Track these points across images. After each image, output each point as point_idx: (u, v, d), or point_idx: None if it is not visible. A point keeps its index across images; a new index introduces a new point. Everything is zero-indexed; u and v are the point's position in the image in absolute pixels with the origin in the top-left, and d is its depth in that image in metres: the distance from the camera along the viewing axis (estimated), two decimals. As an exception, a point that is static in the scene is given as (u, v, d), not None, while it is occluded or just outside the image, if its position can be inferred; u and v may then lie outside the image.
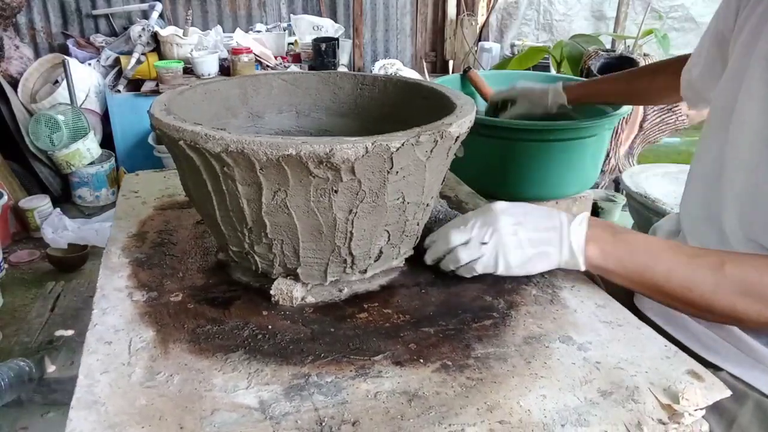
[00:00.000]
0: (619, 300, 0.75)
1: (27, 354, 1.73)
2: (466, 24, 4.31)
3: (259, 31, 3.65)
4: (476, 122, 0.73)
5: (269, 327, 0.67)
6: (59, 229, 2.51)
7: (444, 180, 0.76)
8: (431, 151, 0.65)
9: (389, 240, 0.71)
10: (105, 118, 3.20)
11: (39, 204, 2.61)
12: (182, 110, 0.70)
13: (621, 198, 2.64)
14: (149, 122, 0.69)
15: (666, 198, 1.90)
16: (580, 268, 0.72)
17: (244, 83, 0.89)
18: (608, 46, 2.82)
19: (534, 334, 0.67)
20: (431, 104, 0.81)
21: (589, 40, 2.52)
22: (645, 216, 1.93)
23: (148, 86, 3.07)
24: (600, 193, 2.69)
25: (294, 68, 3.36)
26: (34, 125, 2.77)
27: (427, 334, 0.67)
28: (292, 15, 3.85)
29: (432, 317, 0.70)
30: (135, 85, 3.14)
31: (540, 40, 3.99)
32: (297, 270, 0.71)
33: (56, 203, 2.74)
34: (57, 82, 3.09)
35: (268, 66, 3.27)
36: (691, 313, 0.72)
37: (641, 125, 2.43)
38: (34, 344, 1.82)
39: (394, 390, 0.58)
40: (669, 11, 3.44)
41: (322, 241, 0.67)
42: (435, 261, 0.77)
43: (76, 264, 2.37)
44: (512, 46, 3.94)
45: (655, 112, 2.42)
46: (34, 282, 2.28)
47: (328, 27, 3.67)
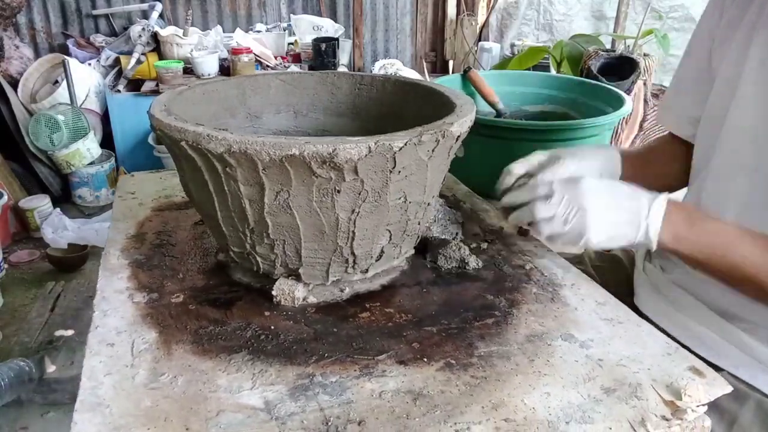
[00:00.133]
0: (619, 299, 0.76)
1: (27, 354, 1.73)
2: (466, 24, 4.31)
3: (259, 31, 3.65)
4: (476, 122, 0.73)
5: (272, 327, 0.67)
6: (59, 229, 2.51)
7: (444, 179, 0.76)
8: (433, 151, 0.65)
9: (391, 239, 0.71)
10: (105, 118, 3.20)
11: (39, 204, 2.60)
12: (181, 111, 0.70)
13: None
14: (149, 122, 0.68)
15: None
16: (652, 248, 0.72)
17: (243, 83, 0.89)
18: (608, 46, 2.82)
19: (536, 332, 0.67)
20: (430, 104, 0.81)
21: (589, 40, 2.52)
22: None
23: (148, 86, 3.07)
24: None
25: (294, 68, 3.36)
26: (34, 125, 2.77)
27: (430, 333, 0.67)
28: (292, 15, 3.85)
29: (434, 316, 0.70)
30: (135, 85, 3.13)
31: (540, 40, 3.99)
32: (299, 270, 0.71)
33: (56, 203, 2.74)
34: (57, 82, 3.09)
35: (268, 66, 3.27)
36: (761, 301, 0.72)
37: (641, 125, 2.43)
38: (34, 344, 1.82)
39: (399, 389, 0.58)
40: (669, 11, 3.43)
41: (324, 241, 0.67)
42: (522, 230, 0.81)
43: (76, 264, 2.37)
44: (512, 46, 3.93)
45: (655, 112, 2.42)
46: (34, 282, 2.28)
47: (328, 27, 3.67)
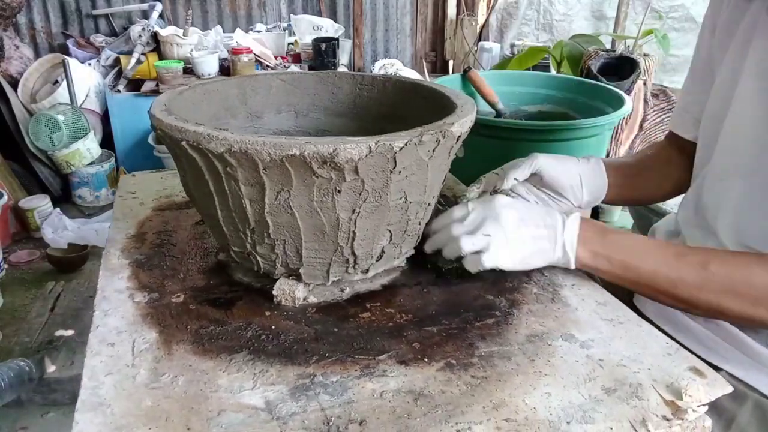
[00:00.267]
0: (619, 299, 0.76)
1: (27, 354, 1.73)
2: (466, 24, 4.31)
3: (259, 31, 3.65)
4: (476, 122, 0.73)
5: (272, 327, 0.67)
6: (59, 229, 2.51)
7: (444, 179, 0.76)
8: (433, 151, 0.65)
9: (391, 239, 0.71)
10: (105, 118, 3.20)
11: (39, 204, 2.60)
12: (182, 111, 0.70)
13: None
14: (149, 122, 0.68)
15: (666, 198, 1.90)
16: (571, 267, 0.74)
17: (243, 83, 0.89)
18: (608, 46, 2.82)
19: (536, 332, 0.67)
20: (430, 104, 0.81)
21: (589, 40, 2.52)
22: (645, 216, 1.94)
23: (148, 86, 3.07)
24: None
25: (294, 68, 3.36)
26: (34, 125, 2.77)
27: (431, 333, 0.67)
28: (292, 15, 3.85)
29: (434, 316, 0.70)
30: (135, 85, 3.14)
31: (540, 40, 3.99)
32: (299, 270, 0.71)
33: (56, 203, 2.74)
34: (57, 82, 3.09)
35: (268, 66, 3.27)
36: (677, 308, 0.75)
37: (641, 125, 2.43)
38: (34, 344, 1.82)
39: (400, 389, 0.58)
40: (669, 11, 3.43)
41: (325, 241, 0.67)
42: (434, 249, 0.77)
43: (76, 264, 2.37)
44: (512, 46, 3.93)
45: (655, 112, 2.42)
46: (34, 282, 2.28)
47: (328, 27, 3.67)
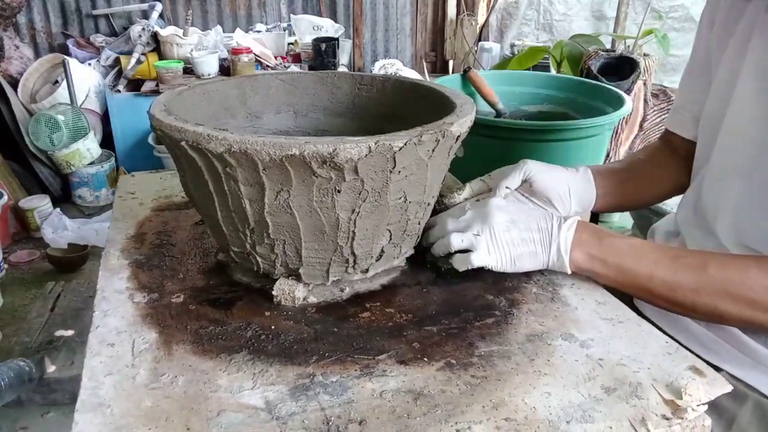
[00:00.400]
0: (619, 299, 0.76)
1: (27, 354, 1.73)
2: (466, 24, 4.32)
3: (259, 31, 3.65)
4: (476, 122, 0.73)
5: (272, 327, 0.67)
6: (59, 229, 2.51)
7: (444, 179, 0.76)
8: (433, 151, 0.65)
9: (391, 239, 0.71)
10: (105, 118, 3.20)
11: (39, 204, 2.60)
12: (181, 111, 0.70)
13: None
14: (149, 122, 0.68)
15: (666, 198, 1.90)
16: (566, 271, 0.74)
17: (243, 83, 0.89)
18: (608, 46, 2.82)
19: (536, 332, 0.67)
20: (430, 104, 0.81)
21: (589, 40, 2.52)
22: (645, 216, 1.94)
23: (148, 86, 3.07)
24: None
25: (294, 68, 3.36)
26: (34, 125, 2.77)
27: (430, 333, 0.67)
28: (292, 15, 3.85)
29: (434, 316, 0.70)
30: (135, 85, 3.14)
31: (540, 40, 3.99)
32: (299, 270, 0.71)
33: (56, 203, 2.74)
34: (57, 82, 3.09)
35: (268, 66, 3.27)
36: (676, 312, 0.74)
37: (641, 125, 2.43)
38: (34, 344, 1.82)
39: (400, 389, 0.58)
40: (669, 11, 3.44)
41: (325, 241, 0.67)
42: (429, 243, 0.79)
43: (76, 264, 2.37)
44: (512, 46, 3.94)
45: (655, 112, 2.42)
46: (34, 282, 2.28)
47: (328, 27, 3.67)
